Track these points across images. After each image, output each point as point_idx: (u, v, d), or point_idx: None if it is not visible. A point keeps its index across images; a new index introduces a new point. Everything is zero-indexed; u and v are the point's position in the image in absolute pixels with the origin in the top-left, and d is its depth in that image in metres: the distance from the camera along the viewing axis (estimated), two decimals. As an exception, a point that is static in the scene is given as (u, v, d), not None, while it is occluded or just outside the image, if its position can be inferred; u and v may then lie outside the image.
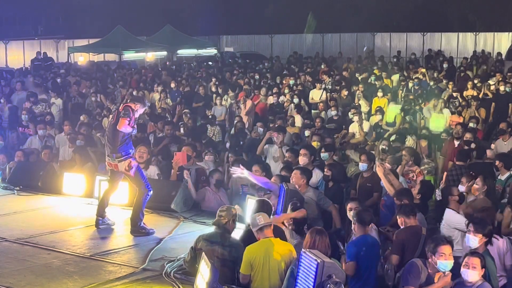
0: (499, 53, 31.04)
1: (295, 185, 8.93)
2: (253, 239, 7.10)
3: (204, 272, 6.28)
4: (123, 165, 8.82)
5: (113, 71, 27.27)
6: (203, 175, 10.70)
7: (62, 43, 37.67)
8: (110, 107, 17.29)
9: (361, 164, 10.27)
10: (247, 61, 31.42)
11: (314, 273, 5.81)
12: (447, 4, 41.21)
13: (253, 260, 6.82)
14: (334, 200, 9.36)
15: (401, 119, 16.01)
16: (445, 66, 26.30)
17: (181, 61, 32.77)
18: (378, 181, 9.55)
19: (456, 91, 18.37)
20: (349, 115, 16.01)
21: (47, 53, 33.46)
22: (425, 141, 13.68)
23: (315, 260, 5.85)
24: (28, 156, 12.88)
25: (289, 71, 25.61)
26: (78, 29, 38.73)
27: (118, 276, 7.39)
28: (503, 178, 10.20)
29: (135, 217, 8.93)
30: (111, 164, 8.96)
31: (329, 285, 5.71)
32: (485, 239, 6.97)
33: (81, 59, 31.32)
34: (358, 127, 14.93)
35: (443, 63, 27.36)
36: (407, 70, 25.48)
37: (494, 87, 19.02)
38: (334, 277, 5.77)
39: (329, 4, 41.85)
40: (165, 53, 32.97)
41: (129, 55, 31.08)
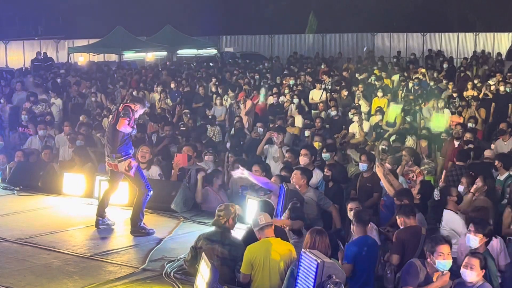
0: (499, 53, 31.03)
1: (295, 185, 8.93)
2: (255, 239, 7.10)
3: (204, 272, 6.29)
4: (123, 166, 8.82)
5: (113, 72, 27.25)
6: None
7: (62, 43, 37.62)
8: (110, 107, 17.29)
9: (361, 164, 10.28)
10: (247, 61, 31.39)
11: (314, 273, 5.80)
12: (447, 4, 41.18)
13: (254, 259, 6.83)
14: (334, 200, 9.35)
15: (402, 119, 16.01)
16: (445, 66, 26.27)
17: (181, 61, 32.76)
18: (378, 181, 9.55)
19: (456, 92, 18.38)
20: (349, 115, 16.01)
21: (47, 53, 33.43)
22: (425, 141, 13.68)
23: (315, 260, 5.85)
24: (28, 156, 12.87)
25: (289, 71, 25.60)
26: (78, 29, 38.63)
27: (118, 276, 7.39)
28: (501, 178, 10.21)
29: (135, 217, 8.93)
30: (111, 164, 8.96)
31: (329, 285, 5.71)
32: (486, 239, 6.97)
33: (81, 59, 31.32)
34: (358, 127, 14.93)
35: (443, 63, 27.34)
36: (407, 70, 25.46)
37: (494, 87, 19.02)
38: (334, 277, 5.77)
39: (329, 4, 41.83)
40: (165, 53, 32.96)
41: (129, 55, 31.06)
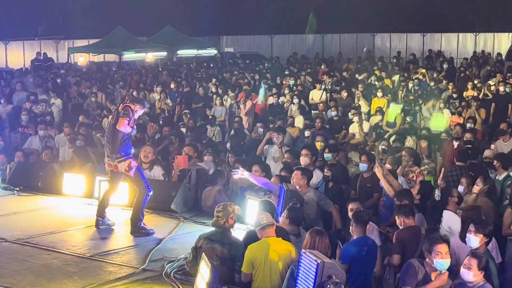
0: (499, 54, 31.03)
1: (295, 186, 8.93)
2: (256, 240, 7.10)
3: (204, 272, 6.28)
4: (123, 166, 8.82)
5: (113, 72, 27.24)
6: (203, 176, 10.73)
7: (62, 43, 37.59)
8: (110, 107, 17.28)
9: (361, 164, 10.28)
10: (247, 62, 31.38)
11: (314, 274, 5.80)
12: (447, 4, 41.18)
13: (254, 259, 6.83)
14: (334, 200, 9.34)
15: (402, 119, 16.01)
16: (445, 66, 26.27)
17: (181, 62, 32.74)
18: (378, 181, 9.53)
19: (456, 92, 18.38)
20: (349, 115, 16.01)
21: (47, 54, 33.40)
22: (425, 142, 13.68)
23: (315, 260, 5.84)
24: (28, 156, 12.87)
25: (289, 72, 25.59)
26: (78, 29, 38.60)
27: (118, 276, 7.39)
28: (500, 178, 10.19)
29: (135, 218, 8.93)
30: (111, 164, 8.96)
31: (329, 286, 5.71)
32: (486, 239, 6.97)
33: (81, 59, 31.31)
34: (358, 128, 14.93)
35: (443, 63, 27.34)
36: (407, 70, 25.46)
37: (494, 88, 19.02)
38: (334, 277, 5.76)
39: (329, 4, 41.82)
40: (165, 53, 32.95)
41: (129, 56, 31.04)
